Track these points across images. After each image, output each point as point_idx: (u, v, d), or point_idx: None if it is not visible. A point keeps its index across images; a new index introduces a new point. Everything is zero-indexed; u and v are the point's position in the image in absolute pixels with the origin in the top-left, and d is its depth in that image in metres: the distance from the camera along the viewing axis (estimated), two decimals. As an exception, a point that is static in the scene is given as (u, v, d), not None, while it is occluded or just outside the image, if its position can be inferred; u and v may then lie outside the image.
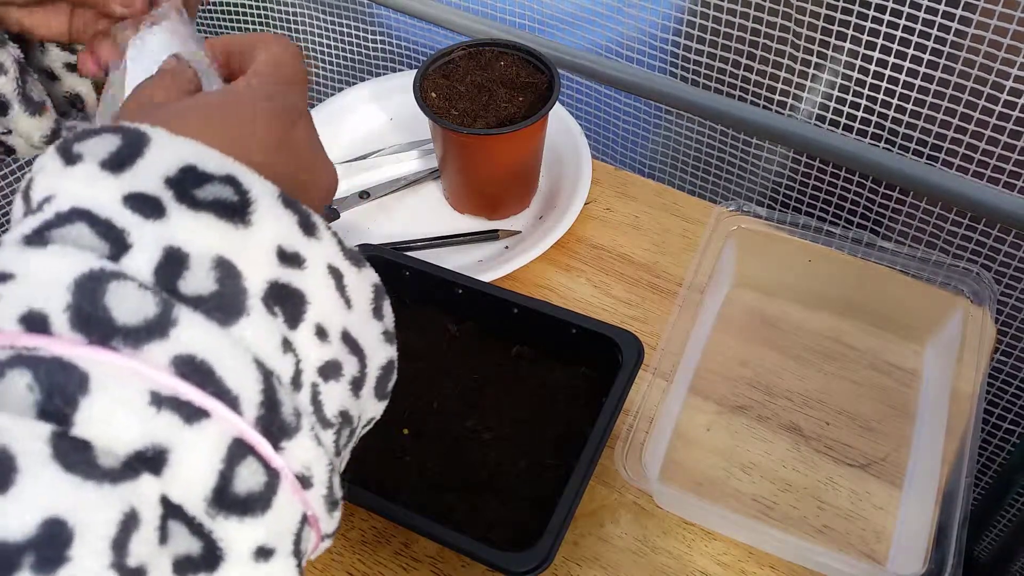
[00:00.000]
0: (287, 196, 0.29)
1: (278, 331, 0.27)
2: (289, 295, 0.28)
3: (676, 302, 0.59)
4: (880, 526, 0.53)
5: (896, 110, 0.73)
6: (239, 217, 0.27)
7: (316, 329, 0.29)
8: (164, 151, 0.27)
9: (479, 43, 0.70)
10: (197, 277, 0.26)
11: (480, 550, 0.46)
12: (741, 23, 0.77)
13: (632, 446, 0.51)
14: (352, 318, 0.30)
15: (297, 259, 0.28)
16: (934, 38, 0.67)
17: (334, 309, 0.29)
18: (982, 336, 0.56)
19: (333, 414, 0.29)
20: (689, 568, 0.52)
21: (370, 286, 0.31)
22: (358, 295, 0.31)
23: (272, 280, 0.27)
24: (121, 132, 0.28)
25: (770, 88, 0.79)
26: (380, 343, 0.32)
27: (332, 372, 0.29)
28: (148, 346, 0.24)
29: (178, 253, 0.26)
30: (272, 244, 0.28)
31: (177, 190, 0.27)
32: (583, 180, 0.71)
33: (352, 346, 0.30)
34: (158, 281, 0.25)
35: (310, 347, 0.28)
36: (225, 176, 0.28)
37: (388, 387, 0.33)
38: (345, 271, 0.30)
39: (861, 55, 0.72)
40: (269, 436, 0.26)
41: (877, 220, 0.81)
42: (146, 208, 0.26)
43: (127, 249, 0.25)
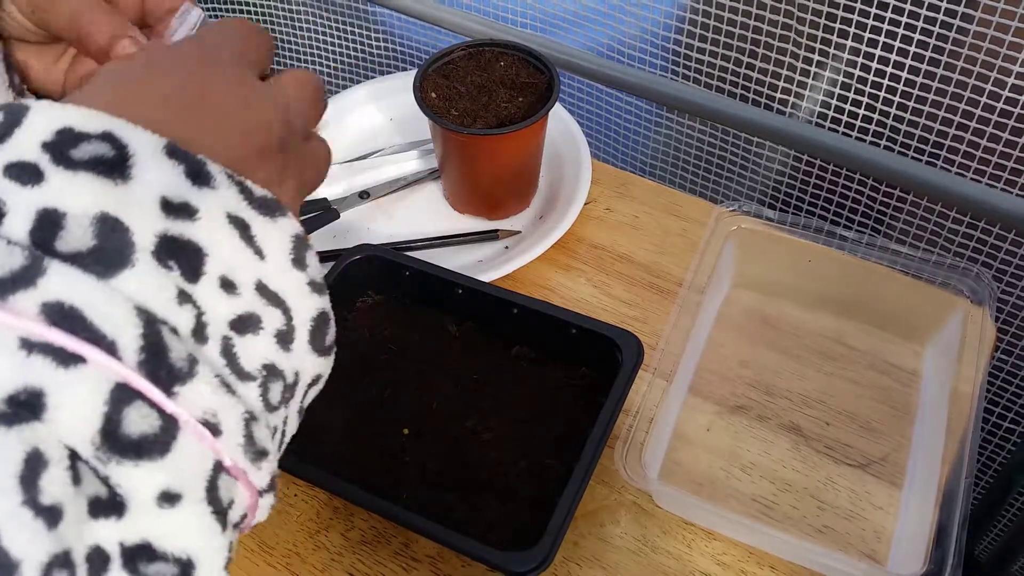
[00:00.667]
0: (175, 146, 0.28)
1: (172, 284, 0.27)
2: (182, 247, 0.27)
3: (676, 302, 0.59)
4: (880, 526, 0.53)
5: (897, 110, 0.73)
6: (118, 172, 0.27)
7: (221, 281, 0.28)
8: (41, 117, 0.27)
9: (479, 43, 0.70)
10: (74, 235, 0.26)
11: (480, 550, 0.46)
12: (742, 23, 0.77)
13: (632, 446, 0.51)
14: (267, 269, 0.30)
15: (186, 210, 0.28)
16: (935, 36, 0.67)
17: (242, 261, 0.29)
18: (982, 336, 0.56)
19: (255, 367, 0.29)
20: (689, 568, 0.52)
21: (288, 236, 0.30)
22: (272, 245, 0.30)
23: (161, 233, 0.27)
24: (5, 108, 0.28)
25: (771, 88, 0.79)
26: (306, 294, 0.31)
27: (247, 325, 0.29)
28: (15, 296, 0.24)
29: (53, 214, 0.26)
30: (156, 196, 0.27)
31: (53, 153, 0.27)
32: (583, 180, 0.71)
33: (271, 298, 0.30)
34: (34, 241, 0.25)
35: (216, 300, 0.28)
36: (101, 133, 0.27)
37: (327, 340, 0.32)
38: (251, 220, 0.29)
39: (862, 55, 0.72)
40: (157, 381, 0.25)
41: (877, 220, 0.82)
42: (24, 175, 0.26)
43: (1, 217, 0.25)
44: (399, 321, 0.60)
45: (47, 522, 0.22)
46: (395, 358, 0.58)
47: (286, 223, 0.30)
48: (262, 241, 0.29)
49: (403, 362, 0.58)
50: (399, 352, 0.59)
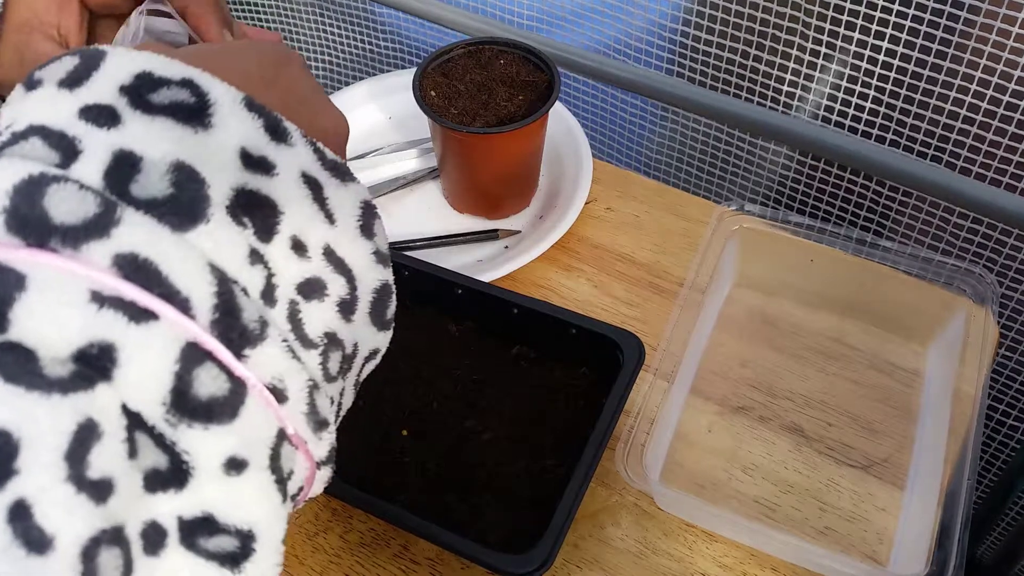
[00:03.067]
0: (253, 100, 0.27)
1: (245, 242, 0.26)
2: (258, 203, 0.27)
3: (677, 302, 0.59)
4: (882, 527, 0.53)
5: (900, 110, 0.73)
6: (197, 120, 0.26)
7: (292, 242, 0.27)
8: (120, 61, 0.27)
9: (479, 41, 0.69)
10: (151, 180, 0.25)
11: (480, 552, 0.46)
12: (745, 21, 0.76)
13: (633, 447, 0.51)
14: (336, 234, 0.29)
15: (264, 164, 0.27)
16: (939, 35, 0.67)
17: (312, 222, 0.28)
18: (984, 336, 0.56)
19: (317, 334, 0.28)
20: (690, 570, 0.52)
21: (358, 201, 0.30)
22: (342, 210, 0.29)
23: (238, 187, 0.26)
24: (79, 53, 0.27)
25: (774, 87, 0.79)
26: (371, 264, 0.30)
27: (314, 290, 0.28)
28: (87, 245, 0.23)
29: (130, 157, 0.25)
30: (236, 147, 0.27)
31: (132, 97, 0.26)
32: (583, 179, 0.71)
33: (337, 265, 0.29)
34: (108, 185, 0.24)
35: (286, 261, 0.27)
36: (182, 80, 0.27)
37: (387, 314, 0.32)
38: (325, 182, 0.29)
39: (867, 52, 0.71)
40: (228, 343, 0.25)
41: (880, 220, 0.81)
42: (100, 118, 0.25)
43: (76, 156, 0.25)
44: (399, 321, 0.60)
45: (93, 497, 0.21)
46: (395, 358, 0.58)
47: (357, 188, 0.30)
48: (333, 205, 0.29)
49: (403, 362, 0.58)
50: (399, 352, 0.58)
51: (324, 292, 0.28)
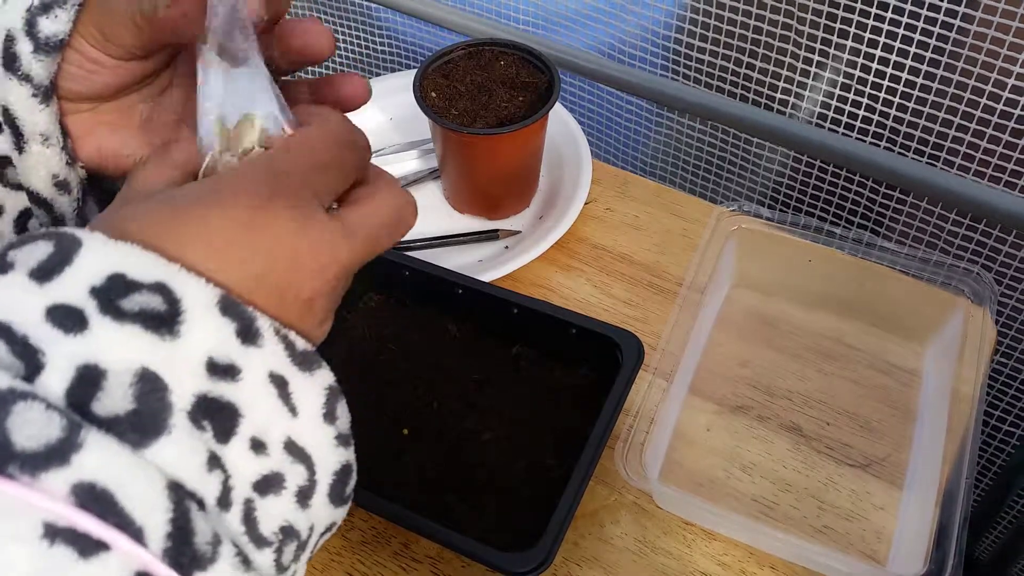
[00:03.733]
0: (230, 300, 0.27)
1: (204, 447, 0.26)
2: (220, 408, 0.26)
3: (676, 302, 0.59)
4: (880, 526, 0.53)
5: (897, 110, 0.73)
6: (166, 328, 0.26)
7: (251, 443, 0.27)
8: (95, 257, 0.26)
9: (479, 43, 0.70)
10: (113, 396, 0.25)
11: (480, 550, 0.46)
12: (742, 22, 0.77)
13: (632, 446, 0.51)
14: (297, 426, 0.29)
15: (231, 371, 0.27)
16: (936, 36, 0.67)
17: (275, 419, 0.28)
18: (983, 336, 0.56)
19: (272, 531, 0.28)
20: (689, 568, 0.52)
21: (322, 389, 0.29)
22: (306, 400, 0.29)
23: (201, 394, 0.26)
24: (55, 238, 0.27)
25: (771, 88, 0.79)
26: (332, 448, 0.30)
27: (271, 485, 0.28)
28: (47, 474, 0.23)
29: (94, 371, 0.25)
30: (202, 356, 0.26)
31: (101, 300, 0.25)
32: (583, 180, 0.71)
33: (297, 455, 0.29)
34: (70, 402, 0.24)
35: (244, 462, 0.27)
36: (155, 284, 0.26)
37: (347, 491, 0.31)
38: (291, 377, 0.28)
39: (862, 55, 0.72)
40: (179, 568, 0.24)
41: (878, 220, 0.81)
42: (67, 321, 0.25)
43: (40, 369, 0.24)
44: (399, 321, 0.60)
45: None
46: (395, 358, 0.58)
47: (321, 374, 0.29)
48: (297, 397, 0.29)
49: (403, 362, 0.58)
50: (399, 352, 0.59)
51: (282, 485, 0.28)
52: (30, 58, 0.36)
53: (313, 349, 0.29)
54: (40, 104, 0.36)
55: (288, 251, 0.29)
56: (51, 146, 0.37)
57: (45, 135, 0.37)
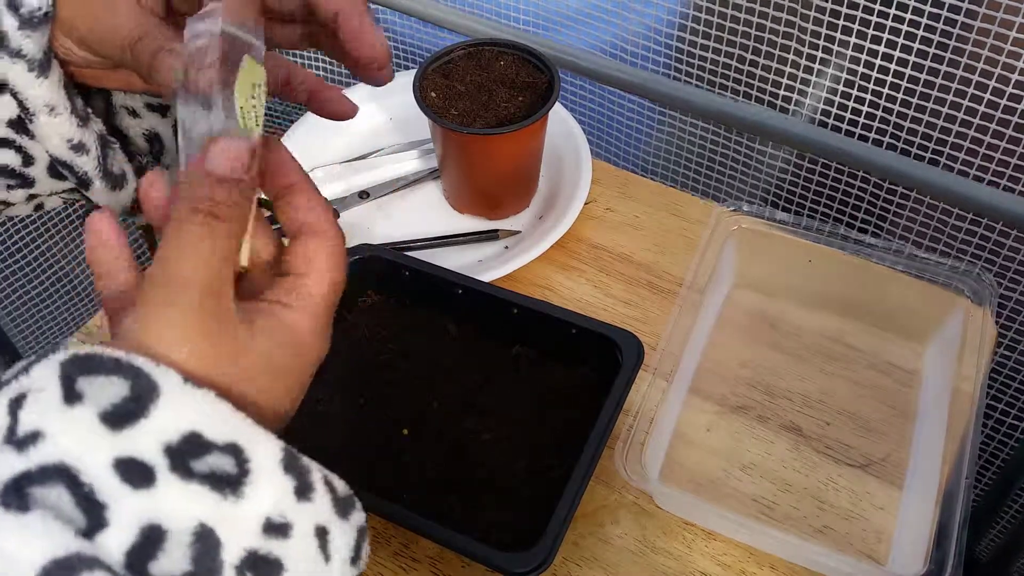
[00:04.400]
0: (291, 455, 0.28)
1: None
2: (266, 563, 0.27)
3: (676, 302, 0.59)
4: (880, 526, 0.53)
5: (899, 109, 0.73)
6: (232, 489, 0.26)
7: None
8: (171, 412, 0.26)
9: (479, 43, 0.70)
10: (172, 557, 0.25)
11: (480, 550, 0.46)
12: (744, 21, 0.77)
13: (632, 446, 0.51)
14: (326, 573, 0.29)
15: (284, 529, 0.27)
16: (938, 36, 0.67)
17: (311, 569, 0.28)
18: (983, 336, 0.56)
19: None
20: (689, 568, 0.52)
21: (355, 531, 0.30)
22: (340, 545, 0.29)
23: (252, 550, 0.26)
24: (131, 378, 0.26)
25: (772, 88, 0.79)
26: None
27: None
28: None
29: (156, 531, 0.25)
30: (260, 517, 0.27)
31: (174, 459, 0.25)
32: (583, 180, 0.71)
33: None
34: (129, 562, 0.24)
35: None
36: (227, 444, 0.26)
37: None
38: (332, 528, 0.29)
39: (864, 54, 0.72)
40: None
41: (879, 220, 0.81)
42: (135, 476, 0.25)
43: (103, 526, 0.24)
44: (399, 321, 0.60)
45: None
46: (395, 358, 0.58)
47: (355, 517, 0.30)
48: (334, 545, 0.29)
49: (403, 362, 0.58)
50: (399, 352, 0.59)
51: None
52: (18, 34, 0.36)
53: (350, 492, 0.30)
54: (38, 78, 0.37)
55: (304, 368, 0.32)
56: (58, 115, 0.37)
57: (50, 105, 0.37)
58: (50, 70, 0.37)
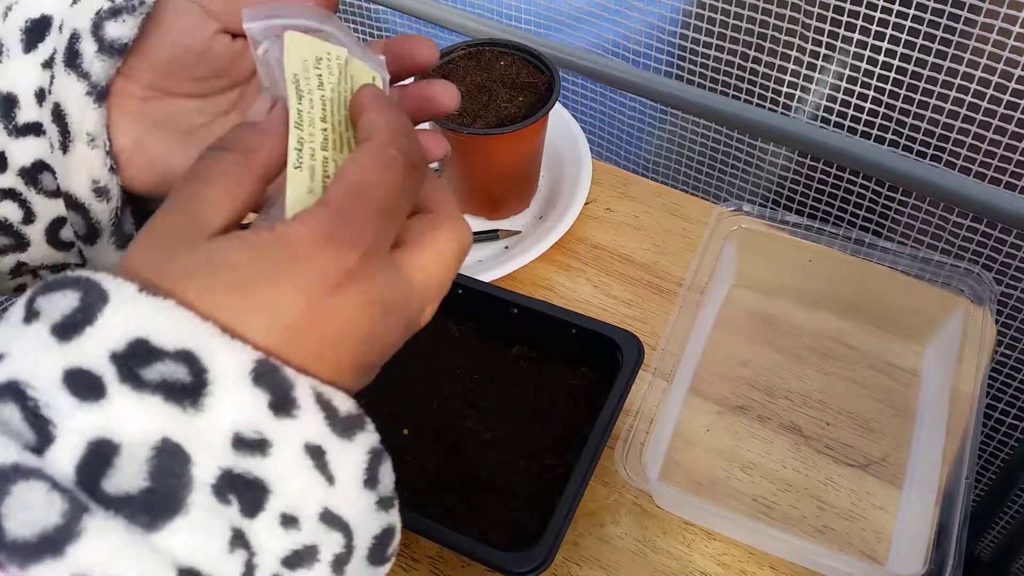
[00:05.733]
0: (264, 369, 0.25)
1: (226, 525, 0.24)
2: (247, 484, 0.24)
3: (676, 302, 0.59)
4: (880, 526, 0.53)
5: (899, 111, 0.73)
6: (190, 400, 0.24)
7: (282, 519, 0.25)
8: (119, 318, 0.24)
9: (479, 43, 0.70)
10: (126, 473, 0.23)
11: (480, 550, 0.46)
12: (744, 22, 0.77)
13: (632, 446, 0.51)
14: (335, 495, 0.26)
15: (261, 446, 0.25)
16: (938, 36, 0.67)
17: (309, 491, 0.26)
18: (982, 336, 0.56)
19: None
20: (689, 568, 0.52)
21: (364, 454, 0.27)
22: (346, 467, 0.27)
23: (227, 468, 0.24)
24: (84, 288, 0.25)
25: (773, 88, 0.79)
26: (373, 513, 0.28)
27: (303, 559, 0.26)
28: (38, 566, 0.21)
29: (106, 446, 0.23)
30: (228, 431, 0.24)
31: (121, 368, 0.24)
32: (583, 180, 0.71)
33: (334, 524, 0.26)
34: (79, 480, 0.23)
35: (272, 538, 0.25)
36: (179, 352, 0.24)
37: (388, 552, 0.29)
38: (330, 446, 0.26)
39: (866, 53, 0.72)
40: None
41: (879, 220, 0.81)
42: (84, 389, 0.23)
43: (50, 441, 0.23)
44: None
45: None
46: (395, 358, 0.58)
47: (363, 438, 0.27)
48: (336, 466, 0.26)
49: (403, 362, 0.58)
50: (399, 352, 0.58)
51: (315, 557, 0.26)
52: (92, 56, 0.36)
53: (358, 411, 0.28)
54: (94, 103, 0.36)
55: (360, 335, 0.28)
56: (95, 148, 0.37)
57: (92, 135, 0.37)
58: (103, 103, 0.36)
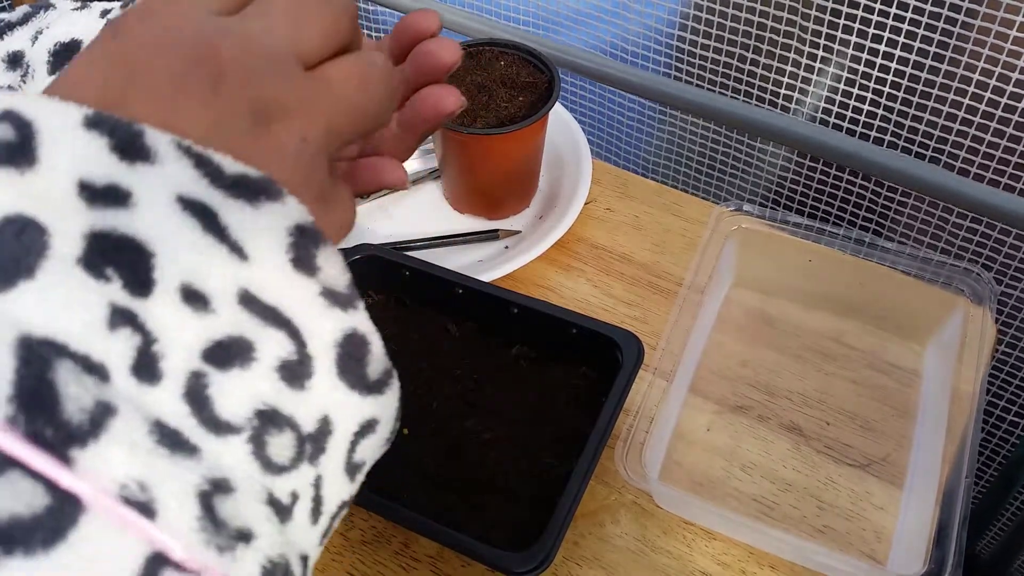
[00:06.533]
0: (99, 116, 0.21)
1: (102, 300, 0.20)
2: (117, 246, 0.21)
3: (676, 302, 0.59)
4: (880, 526, 0.53)
5: (899, 108, 0.73)
6: (21, 156, 0.21)
7: (183, 292, 0.21)
8: None
9: (479, 43, 0.70)
10: None
11: (480, 550, 0.46)
12: (745, 19, 0.77)
13: (632, 446, 0.51)
14: (255, 275, 0.22)
15: (115, 193, 0.21)
16: (938, 36, 0.67)
17: (209, 261, 0.22)
18: (982, 336, 0.56)
19: (240, 415, 0.22)
20: (689, 568, 0.52)
21: (286, 226, 0.23)
22: (258, 241, 0.22)
23: (88, 230, 0.21)
24: None
25: (773, 87, 0.79)
26: (321, 308, 0.23)
27: (232, 355, 0.22)
28: None
29: None
30: (70, 180, 0.21)
31: None
32: (583, 180, 0.71)
33: (266, 315, 0.22)
34: None
35: (178, 320, 0.21)
36: (2, 113, 0.21)
37: (370, 372, 0.25)
38: (218, 205, 0.22)
39: (865, 52, 0.72)
40: (38, 441, 0.18)
41: (879, 220, 0.82)
42: None
43: None
44: (399, 321, 0.60)
45: None
46: (395, 358, 0.58)
47: (278, 209, 0.23)
48: (240, 235, 0.22)
49: (403, 362, 0.58)
50: (399, 352, 0.59)
51: (250, 355, 0.22)
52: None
53: (258, 175, 0.22)
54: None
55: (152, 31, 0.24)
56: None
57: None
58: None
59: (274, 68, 0.24)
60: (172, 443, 0.20)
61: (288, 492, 0.23)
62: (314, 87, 0.25)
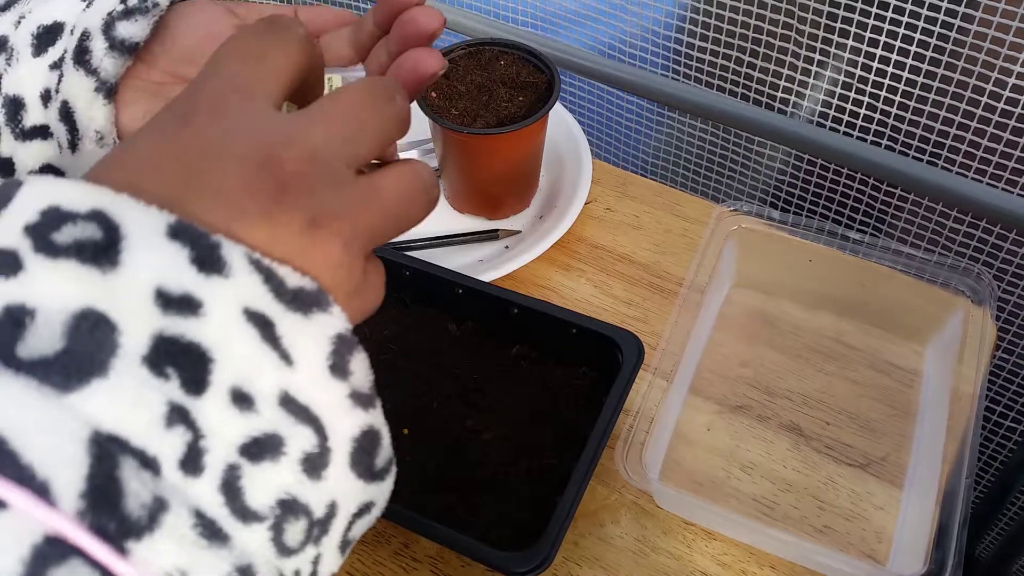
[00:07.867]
0: (183, 226, 0.23)
1: (162, 398, 0.22)
2: (183, 351, 0.22)
3: (676, 302, 0.59)
4: (880, 526, 0.53)
5: (897, 109, 0.73)
6: (105, 257, 0.22)
7: (232, 395, 0.23)
8: (30, 195, 0.23)
9: (479, 42, 0.70)
10: (41, 336, 0.21)
11: (480, 550, 0.46)
12: (743, 22, 0.77)
13: (632, 446, 0.51)
14: (296, 379, 0.24)
15: (189, 303, 0.23)
16: (936, 36, 0.67)
17: (261, 367, 0.23)
18: (983, 336, 0.56)
19: (266, 504, 0.23)
20: (689, 568, 0.52)
21: (327, 337, 0.25)
22: (304, 349, 0.24)
23: (157, 333, 0.22)
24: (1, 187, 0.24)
25: (772, 88, 0.79)
26: (347, 409, 0.25)
27: (265, 450, 0.23)
28: None
29: (19, 312, 0.22)
30: (148, 286, 0.22)
31: (35, 238, 0.22)
32: (583, 180, 0.71)
33: (299, 414, 0.24)
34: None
35: (224, 419, 0.23)
36: (90, 212, 0.23)
37: (376, 463, 0.26)
38: (277, 318, 0.24)
39: (863, 54, 0.72)
40: (103, 535, 0.20)
41: (878, 220, 0.82)
42: (2, 266, 0.22)
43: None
44: (399, 321, 0.60)
45: None
46: (395, 358, 0.58)
47: (325, 320, 0.25)
48: (291, 343, 0.24)
49: (403, 362, 0.58)
50: (399, 352, 0.59)
51: (280, 450, 0.24)
52: (102, 53, 0.36)
53: (314, 287, 0.25)
54: (103, 100, 0.36)
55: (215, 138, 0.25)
56: (105, 146, 0.37)
57: (100, 133, 0.37)
58: (112, 101, 0.36)
59: (331, 180, 0.26)
60: (210, 533, 0.22)
61: (292, 571, 0.25)
62: (364, 196, 0.27)
